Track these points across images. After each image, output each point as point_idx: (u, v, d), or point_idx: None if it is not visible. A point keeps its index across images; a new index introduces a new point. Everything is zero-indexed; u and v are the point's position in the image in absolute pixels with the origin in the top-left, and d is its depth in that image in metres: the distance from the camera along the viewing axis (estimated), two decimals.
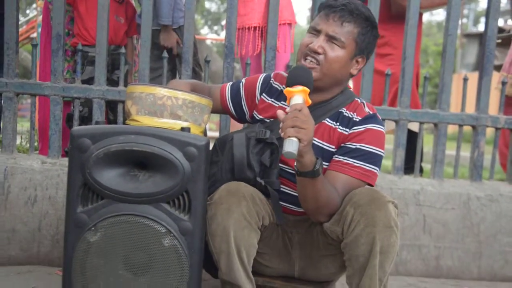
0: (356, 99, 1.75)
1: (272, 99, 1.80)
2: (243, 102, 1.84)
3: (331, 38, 1.64)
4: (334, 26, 1.64)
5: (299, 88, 1.50)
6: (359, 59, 1.71)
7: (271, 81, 1.83)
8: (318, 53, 1.64)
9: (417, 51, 2.98)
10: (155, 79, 2.95)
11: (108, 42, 2.35)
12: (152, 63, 2.95)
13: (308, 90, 1.51)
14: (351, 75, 1.73)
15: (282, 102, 1.76)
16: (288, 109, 1.47)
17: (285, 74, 1.84)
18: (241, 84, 1.86)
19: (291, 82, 1.54)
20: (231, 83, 1.89)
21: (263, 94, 1.82)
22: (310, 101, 1.52)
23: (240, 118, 1.88)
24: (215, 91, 1.87)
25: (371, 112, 1.71)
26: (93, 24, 2.71)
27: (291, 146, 1.40)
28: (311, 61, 1.64)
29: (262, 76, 1.85)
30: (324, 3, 1.70)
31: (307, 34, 1.71)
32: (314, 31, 1.68)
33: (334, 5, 1.65)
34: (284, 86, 1.79)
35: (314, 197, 1.56)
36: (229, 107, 1.86)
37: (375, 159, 1.66)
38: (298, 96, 1.49)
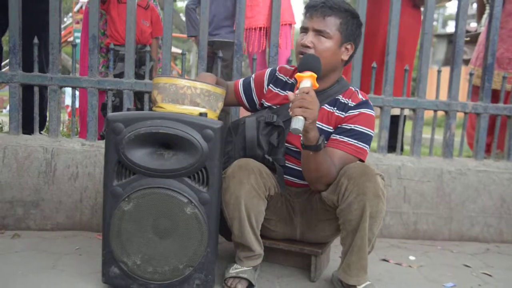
0: (350, 87, 1.72)
1: (278, 89, 1.78)
2: (253, 93, 1.83)
3: (318, 32, 1.62)
4: (318, 22, 1.62)
5: (308, 73, 1.49)
6: (348, 46, 1.67)
7: (276, 74, 1.81)
8: (309, 47, 1.61)
9: (414, 46, 2.91)
10: None
11: (135, 42, 2.31)
12: None
13: (316, 76, 1.49)
14: (343, 61, 1.70)
15: (287, 91, 1.74)
16: (297, 92, 1.45)
17: (289, 67, 1.82)
18: (251, 78, 1.85)
19: (301, 68, 1.52)
20: (242, 79, 1.88)
21: (270, 84, 1.80)
22: (317, 85, 1.50)
23: (251, 106, 1.86)
24: (230, 86, 1.86)
25: (364, 99, 1.69)
26: (123, 27, 2.68)
27: (297, 123, 1.39)
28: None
29: (268, 70, 1.84)
30: (307, 4, 1.69)
31: (299, 35, 1.69)
32: (303, 29, 1.66)
33: (315, 4, 1.64)
34: (288, 77, 1.78)
35: (316, 168, 1.55)
36: (241, 98, 1.85)
37: (366, 139, 1.64)
38: (307, 80, 1.48)
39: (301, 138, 1.50)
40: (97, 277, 1.63)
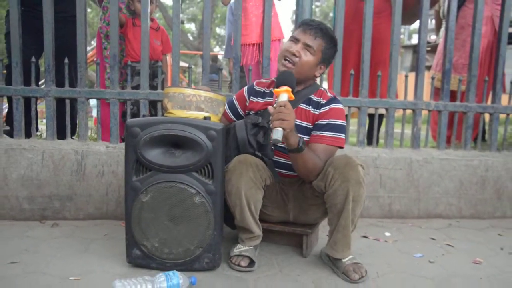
0: (320, 88, 1.71)
1: (258, 98, 1.76)
2: (239, 108, 1.81)
3: (306, 46, 1.60)
4: (309, 38, 1.61)
5: (284, 88, 1.45)
6: (322, 66, 1.67)
7: (254, 87, 1.79)
8: (296, 56, 1.60)
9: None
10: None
11: (149, 59, 2.28)
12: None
13: (291, 89, 1.46)
14: (315, 77, 1.69)
15: (266, 98, 1.73)
16: (275, 105, 1.42)
17: (264, 80, 1.82)
18: (233, 98, 1.83)
19: (278, 84, 1.49)
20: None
21: (251, 97, 1.78)
22: (293, 97, 1.47)
23: (238, 120, 1.82)
24: None
25: (332, 96, 1.69)
26: (138, 46, 2.65)
27: (276, 134, 1.37)
28: (289, 62, 1.61)
29: (246, 87, 1.83)
30: (304, 20, 1.67)
31: (287, 41, 1.67)
32: (294, 39, 1.63)
33: (312, 24, 1.63)
34: (266, 88, 1.77)
35: (304, 165, 1.52)
36: (229, 116, 1.82)
37: (341, 129, 1.63)
38: (284, 94, 1.44)
39: (285, 145, 1.48)
40: (122, 258, 1.61)
